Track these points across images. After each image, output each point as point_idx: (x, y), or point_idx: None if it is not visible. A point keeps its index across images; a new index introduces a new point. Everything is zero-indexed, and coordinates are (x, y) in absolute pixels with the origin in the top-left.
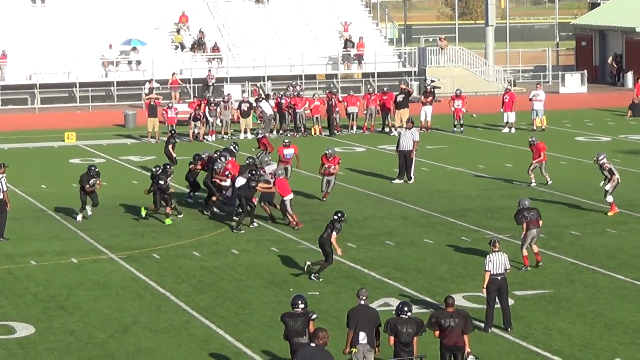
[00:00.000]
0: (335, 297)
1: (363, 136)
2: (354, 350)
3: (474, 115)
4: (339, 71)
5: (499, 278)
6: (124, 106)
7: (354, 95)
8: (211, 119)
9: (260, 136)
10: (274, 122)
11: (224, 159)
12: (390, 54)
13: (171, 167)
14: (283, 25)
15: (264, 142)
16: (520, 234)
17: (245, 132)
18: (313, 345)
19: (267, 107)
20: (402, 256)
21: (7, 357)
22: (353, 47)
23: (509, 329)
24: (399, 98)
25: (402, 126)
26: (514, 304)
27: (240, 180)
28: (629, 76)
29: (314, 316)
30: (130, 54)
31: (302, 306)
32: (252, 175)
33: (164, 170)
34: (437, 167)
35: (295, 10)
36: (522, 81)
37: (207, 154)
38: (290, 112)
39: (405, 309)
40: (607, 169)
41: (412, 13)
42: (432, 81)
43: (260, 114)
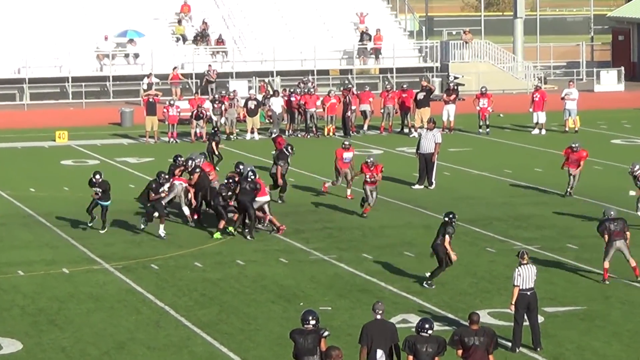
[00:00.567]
0: (349, 313)
1: (380, 137)
2: None
3: (501, 115)
4: (354, 66)
5: (529, 293)
6: (121, 103)
7: (367, 92)
8: (215, 118)
9: (275, 135)
10: (284, 122)
11: (198, 161)
12: (410, 48)
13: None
14: (294, 16)
15: (279, 142)
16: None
17: (252, 132)
18: None
19: (277, 105)
20: (423, 268)
21: None
22: (370, 40)
23: (538, 348)
24: (420, 96)
25: (422, 127)
26: (544, 321)
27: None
28: None
29: (325, 333)
30: (127, 46)
31: (313, 322)
32: (227, 182)
33: (227, 185)
34: (461, 171)
35: None
36: (553, 78)
37: (195, 159)
38: (300, 111)
39: (426, 326)
40: None
41: (434, 4)
42: (455, 78)
43: (269, 112)
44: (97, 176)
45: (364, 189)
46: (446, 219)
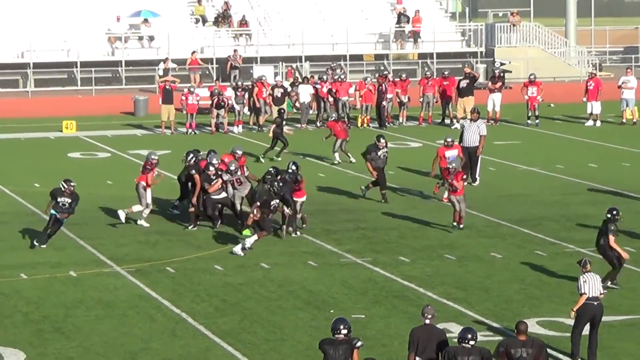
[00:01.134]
0: (384, 322)
1: (419, 129)
2: None
3: (552, 105)
4: (390, 51)
5: (595, 304)
6: (134, 90)
7: (407, 80)
8: (238, 107)
9: (332, 119)
10: (313, 112)
11: (215, 160)
12: (452, 31)
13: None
14: None
15: (332, 127)
16: None
17: (259, 124)
18: None
19: (305, 93)
20: (465, 273)
21: None
22: (408, 22)
23: None
24: (462, 84)
25: (465, 117)
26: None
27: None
28: None
29: (358, 344)
30: (141, 27)
31: (345, 332)
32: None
33: (274, 177)
34: (507, 166)
35: None
36: (609, 65)
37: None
38: (329, 100)
39: (469, 336)
40: None
41: None
42: (501, 64)
43: (297, 101)
44: (69, 184)
45: (450, 199)
46: (609, 215)
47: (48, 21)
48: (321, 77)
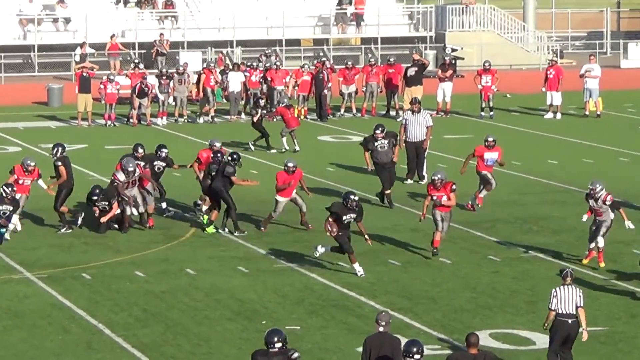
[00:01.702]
0: (321, 333)
1: (361, 121)
2: None
3: (508, 95)
4: (330, 35)
5: (570, 321)
6: (48, 78)
7: (353, 68)
8: (162, 97)
9: (283, 105)
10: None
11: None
12: (398, 14)
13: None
14: None
15: (283, 113)
16: None
17: (207, 114)
18: None
19: (235, 81)
20: (411, 280)
21: None
22: (350, 4)
23: None
24: (410, 72)
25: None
26: None
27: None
28: None
29: (295, 355)
30: (57, 9)
31: (280, 345)
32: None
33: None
34: (458, 162)
35: None
36: (571, 51)
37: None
38: (262, 90)
39: (414, 349)
40: None
41: None
42: (453, 50)
43: (226, 90)
44: (7, 190)
45: (433, 214)
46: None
47: None
48: (251, 64)
